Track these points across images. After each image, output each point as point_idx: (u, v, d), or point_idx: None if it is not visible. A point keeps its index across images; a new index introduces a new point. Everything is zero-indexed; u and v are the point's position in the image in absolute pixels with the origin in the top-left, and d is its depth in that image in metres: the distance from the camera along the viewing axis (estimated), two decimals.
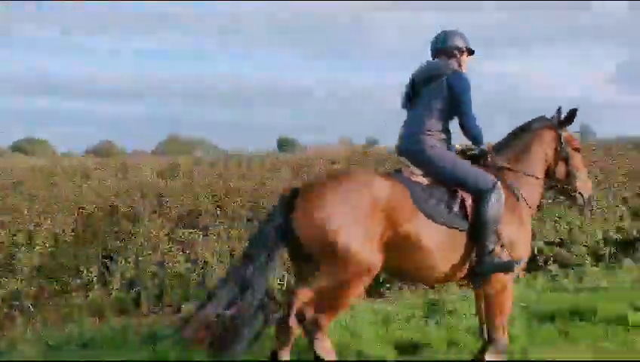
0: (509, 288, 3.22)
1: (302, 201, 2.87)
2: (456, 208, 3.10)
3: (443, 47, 3.41)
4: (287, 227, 2.87)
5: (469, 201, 3.11)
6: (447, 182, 3.16)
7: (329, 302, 2.89)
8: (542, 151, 3.52)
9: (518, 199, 3.30)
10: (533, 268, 5.64)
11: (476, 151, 3.38)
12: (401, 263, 3.04)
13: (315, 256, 2.85)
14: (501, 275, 3.14)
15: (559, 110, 3.59)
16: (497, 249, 3.09)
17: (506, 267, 3.13)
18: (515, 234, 3.21)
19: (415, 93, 3.38)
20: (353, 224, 2.80)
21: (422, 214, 2.99)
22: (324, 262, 2.83)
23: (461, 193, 3.13)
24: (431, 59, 3.46)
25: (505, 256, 3.12)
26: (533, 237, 4.73)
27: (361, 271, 2.86)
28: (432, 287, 4.63)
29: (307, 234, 2.83)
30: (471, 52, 3.46)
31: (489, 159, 3.39)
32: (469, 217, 3.09)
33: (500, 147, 3.54)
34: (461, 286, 4.82)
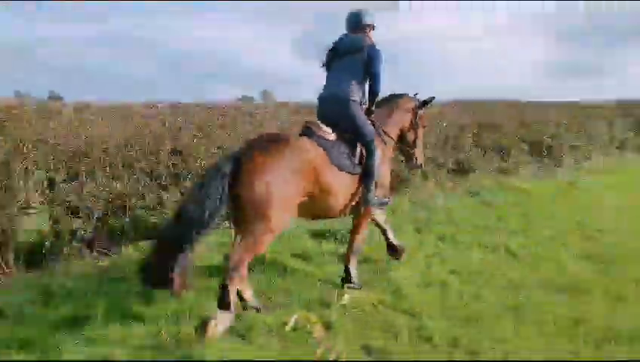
0: (368, 214, 4.39)
1: (246, 168, 3.47)
2: (356, 159, 4.09)
3: (357, 26, 4.35)
4: (232, 185, 3.45)
5: (363, 151, 4.12)
6: (353, 133, 4.13)
7: (252, 248, 3.52)
8: (401, 120, 4.68)
9: (385, 147, 4.41)
10: None
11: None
12: (317, 207, 3.90)
13: (249, 215, 3.49)
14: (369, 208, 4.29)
15: (416, 94, 4.82)
16: (375, 188, 4.16)
17: (383, 203, 4.35)
18: (385, 177, 4.38)
19: (335, 60, 4.30)
20: (285, 193, 3.54)
21: (335, 167, 3.91)
22: (255, 220, 3.48)
23: (359, 146, 4.11)
24: (346, 32, 4.37)
25: (380, 194, 4.27)
26: None
27: (280, 228, 3.63)
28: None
29: (247, 197, 3.45)
30: (374, 27, 4.41)
31: (372, 117, 4.37)
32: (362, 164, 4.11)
33: (377, 106, 4.49)
34: None
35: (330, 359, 3.15)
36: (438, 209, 7.05)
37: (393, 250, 4.85)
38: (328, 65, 4.38)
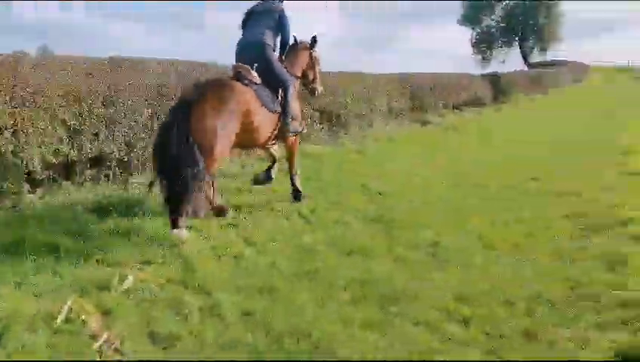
0: (296, 142, 5.78)
1: (199, 110, 4.35)
2: (277, 100, 5.15)
3: None
4: (186, 129, 4.28)
5: (281, 94, 5.18)
6: (272, 76, 5.14)
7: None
8: (303, 62, 5.84)
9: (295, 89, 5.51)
10: None
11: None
12: (249, 138, 4.86)
13: (201, 151, 4.31)
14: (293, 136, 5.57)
15: (295, 38, 5.80)
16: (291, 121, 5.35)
17: (297, 131, 5.59)
18: (297, 110, 5.55)
19: (251, 19, 5.32)
20: (228, 130, 4.49)
21: (263, 106, 4.89)
22: (204, 155, 4.32)
23: (280, 90, 5.18)
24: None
25: (295, 124, 5.49)
26: None
27: (221, 157, 4.60)
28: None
29: (196, 137, 4.29)
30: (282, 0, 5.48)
31: (284, 65, 5.49)
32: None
33: (287, 54, 5.66)
34: None
35: (110, 352, 2.76)
36: (234, 176, 6.86)
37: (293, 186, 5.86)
38: (244, 24, 5.40)
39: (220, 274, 3.81)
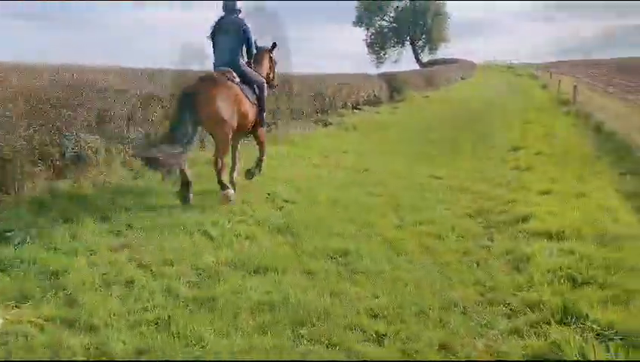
0: (264, 132, 7.20)
1: (204, 97, 5.70)
2: (255, 94, 6.53)
3: (233, 9, 6.46)
4: (195, 112, 5.64)
5: (258, 92, 6.60)
6: (248, 81, 6.44)
7: (222, 149, 5.96)
8: (267, 65, 7.19)
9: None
10: None
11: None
12: (242, 123, 6.22)
13: (211, 127, 5.97)
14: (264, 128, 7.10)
15: (256, 44, 6.80)
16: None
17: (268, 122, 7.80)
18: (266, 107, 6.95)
19: (219, 35, 6.44)
20: (230, 110, 5.90)
21: (246, 99, 6.31)
22: (216, 130, 5.92)
23: (255, 86, 6.54)
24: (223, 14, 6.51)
25: (267, 117, 7.10)
26: None
27: (231, 130, 5.98)
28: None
29: (207, 116, 5.73)
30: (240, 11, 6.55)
31: (252, 68, 6.68)
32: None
33: (254, 59, 6.76)
34: None
35: None
36: (126, 192, 6.29)
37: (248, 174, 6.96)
38: (213, 36, 6.44)
39: (110, 306, 3.39)
